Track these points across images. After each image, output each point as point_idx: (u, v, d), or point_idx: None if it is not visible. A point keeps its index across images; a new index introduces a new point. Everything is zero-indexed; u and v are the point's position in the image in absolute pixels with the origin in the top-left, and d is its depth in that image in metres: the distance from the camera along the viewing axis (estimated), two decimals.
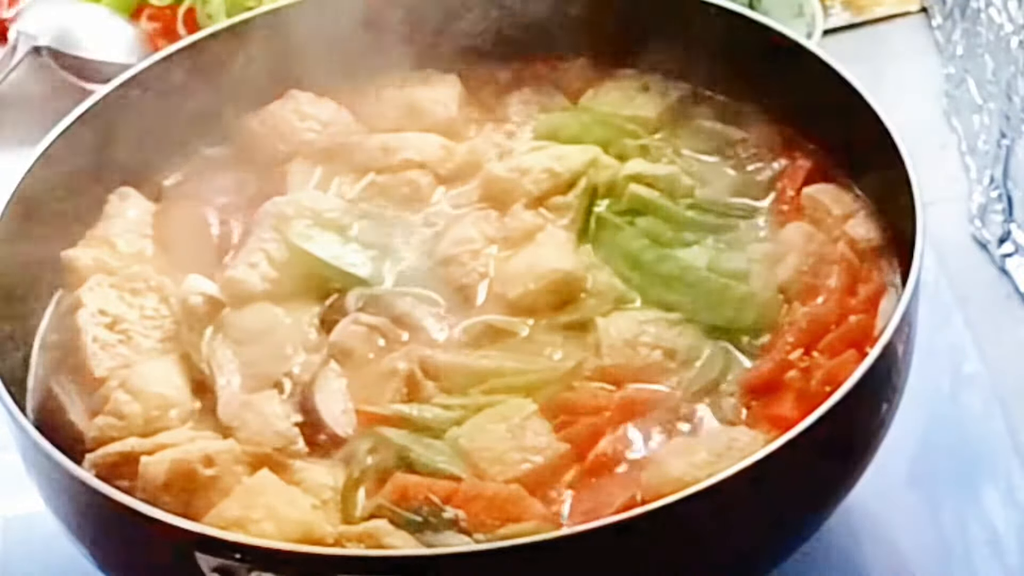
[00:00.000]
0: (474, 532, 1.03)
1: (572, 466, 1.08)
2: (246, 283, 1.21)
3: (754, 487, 0.98)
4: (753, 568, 1.07)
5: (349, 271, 1.22)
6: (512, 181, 1.27)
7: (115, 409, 1.11)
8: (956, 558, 1.21)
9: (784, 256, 1.20)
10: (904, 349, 1.09)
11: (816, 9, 1.62)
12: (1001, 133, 1.44)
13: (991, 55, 1.49)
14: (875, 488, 1.13)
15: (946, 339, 1.36)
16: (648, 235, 1.23)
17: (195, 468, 1.06)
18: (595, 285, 1.20)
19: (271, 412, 1.12)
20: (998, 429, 1.29)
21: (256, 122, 1.34)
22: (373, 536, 1.02)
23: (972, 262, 1.44)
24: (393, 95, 1.36)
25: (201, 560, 0.96)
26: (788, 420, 1.05)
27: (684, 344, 1.15)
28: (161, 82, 1.31)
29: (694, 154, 1.31)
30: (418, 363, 1.14)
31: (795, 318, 1.16)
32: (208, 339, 1.18)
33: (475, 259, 1.22)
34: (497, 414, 1.10)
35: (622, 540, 0.96)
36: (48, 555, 1.19)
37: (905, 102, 1.51)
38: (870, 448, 1.09)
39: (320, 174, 1.32)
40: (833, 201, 1.23)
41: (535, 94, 1.37)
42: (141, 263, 1.23)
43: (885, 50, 1.69)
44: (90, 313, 1.17)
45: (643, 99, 1.35)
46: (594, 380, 1.13)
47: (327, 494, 1.07)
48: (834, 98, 1.23)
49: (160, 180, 1.33)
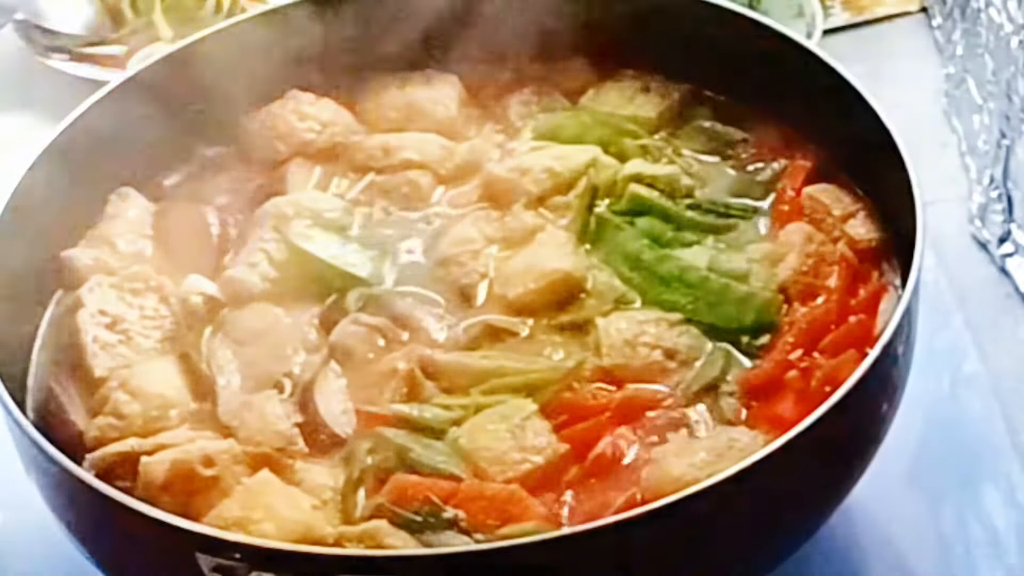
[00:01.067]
0: (474, 532, 1.03)
1: (572, 466, 1.08)
2: (246, 283, 1.21)
3: (754, 487, 0.98)
4: (753, 568, 1.07)
5: (349, 271, 1.22)
6: (512, 181, 1.27)
7: (115, 409, 1.11)
8: (956, 558, 1.21)
9: (784, 256, 1.20)
10: (904, 349, 1.09)
11: (816, 9, 1.62)
12: (1001, 133, 1.44)
13: (991, 55, 1.49)
14: (875, 488, 1.13)
15: (946, 339, 1.36)
16: (648, 235, 1.23)
17: (195, 468, 1.06)
18: (595, 285, 1.20)
19: (271, 412, 1.12)
20: (998, 429, 1.29)
21: (256, 122, 1.34)
22: (373, 536, 1.02)
23: (972, 262, 1.44)
24: (393, 95, 1.36)
25: (201, 560, 0.96)
26: (788, 420, 1.05)
27: (684, 344, 1.15)
28: (161, 82, 1.31)
29: (694, 154, 1.31)
30: (418, 363, 1.14)
31: (795, 318, 1.16)
32: (208, 339, 1.18)
33: (475, 259, 1.22)
34: (497, 414, 1.10)
35: (622, 540, 0.96)
36: (48, 555, 1.19)
37: (905, 102, 1.51)
38: (870, 448, 1.09)
39: (320, 174, 1.32)
40: (833, 201, 1.23)
41: (535, 94, 1.37)
42: (141, 263, 1.23)
43: (885, 50, 1.69)
44: (90, 313, 1.17)
45: (643, 99, 1.35)
46: (594, 380, 1.13)
47: (327, 494, 1.07)
48: (834, 98, 1.23)
49: (160, 180, 1.33)
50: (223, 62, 1.33)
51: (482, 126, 1.36)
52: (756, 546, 1.04)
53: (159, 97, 1.30)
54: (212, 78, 1.32)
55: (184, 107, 1.32)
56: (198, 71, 1.32)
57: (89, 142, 1.26)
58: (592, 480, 1.07)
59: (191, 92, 1.32)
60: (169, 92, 1.31)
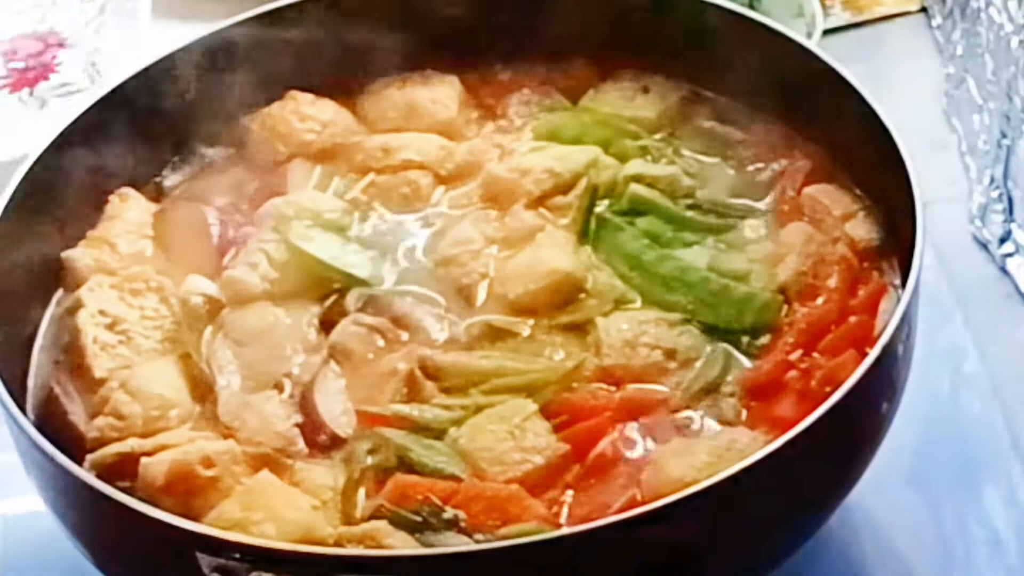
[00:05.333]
0: (474, 532, 1.03)
1: (572, 466, 1.08)
2: (246, 283, 1.21)
3: (754, 487, 0.98)
4: (753, 568, 1.07)
5: (349, 271, 1.21)
6: (512, 181, 1.27)
7: (115, 410, 1.11)
8: (956, 558, 1.21)
9: (784, 256, 1.20)
10: (904, 349, 1.09)
11: (816, 9, 1.62)
12: (1001, 133, 1.44)
13: (991, 55, 1.49)
14: (875, 488, 1.13)
15: (946, 339, 1.36)
16: (648, 235, 1.23)
17: (195, 469, 1.06)
18: (595, 285, 1.20)
19: (271, 412, 1.12)
20: (998, 429, 1.29)
21: (256, 123, 1.34)
22: (373, 536, 1.02)
23: (972, 262, 1.44)
24: (393, 95, 1.36)
25: (201, 560, 0.96)
26: (788, 420, 1.05)
27: (684, 344, 1.15)
28: (160, 82, 1.31)
29: (694, 154, 1.31)
30: (418, 363, 1.14)
31: (795, 319, 1.16)
32: (208, 339, 1.18)
33: (475, 259, 1.22)
34: (497, 414, 1.10)
35: (622, 540, 0.96)
36: (48, 555, 1.19)
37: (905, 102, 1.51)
38: (870, 448, 1.09)
39: (320, 174, 1.32)
40: (833, 201, 1.23)
41: (535, 94, 1.37)
42: (141, 264, 1.23)
43: (885, 50, 1.69)
44: (90, 314, 1.17)
45: (643, 99, 1.35)
46: (594, 380, 1.13)
47: (327, 495, 1.07)
48: (834, 98, 1.23)
49: (160, 180, 1.33)
50: (223, 62, 1.33)
51: (482, 126, 1.36)
52: (756, 546, 1.04)
53: (159, 97, 1.30)
54: (212, 78, 1.33)
55: (184, 107, 1.32)
56: (198, 71, 1.32)
57: (89, 142, 1.26)
58: (592, 480, 1.07)
59: (191, 92, 1.32)
60: (169, 92, 1.31)
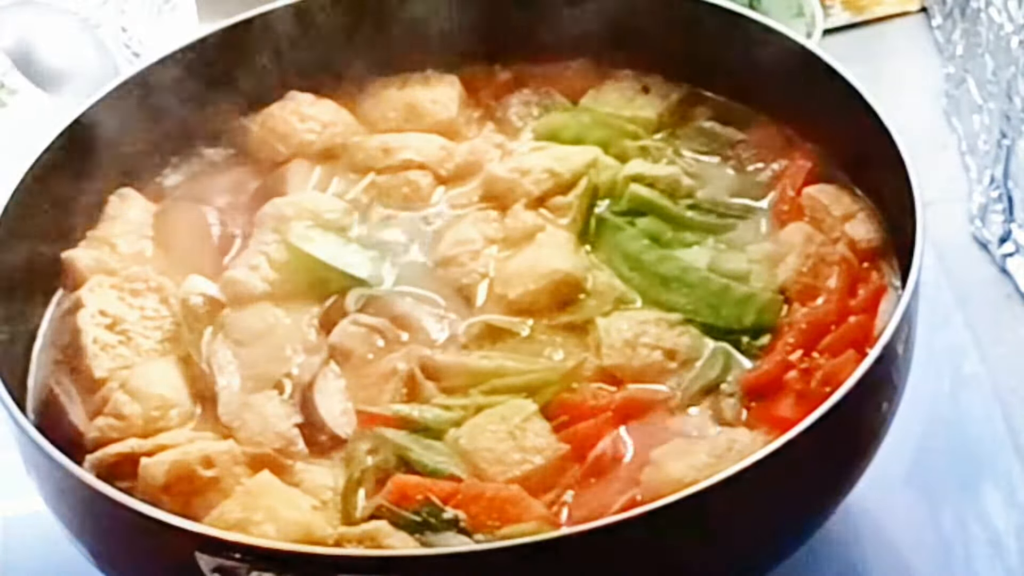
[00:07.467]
0: (474, 532, 1.03)
1: (572, 466, 1.08)
2: (246, 284, 1.21)
3: (754, 488, 0.98)
4: (753, 568, 1.07)
5: (349, 271, 1.22)
6: (512, 181, 1.27)
7: (115, 410, 1.11)
8: (956, 558, 1.21)
9: (784, 257, 1.20)
10: (904, 349, 1.09)
11: (816, 9, 1.62)
12: (1001, 133, 1.44)
13: (991, 55, 1.49)
14: (875, 488, 1.13)
15: (946, 339, 1.36)
16: (648, 235, 1.23)
17: (195, 469, 1.06)
18: (595, 285, 1.20)
19: (271, 413, 1.12)
20: (998, 429, 1.29)
21: (256, 123, 1.34)
22: (373, 537, 1.02)
23: (972, 262, 1.44)
24: (393, 95, 1.36)
25: (201, 560, 0.96)
26: (788, 421, 1.05)
27: (684, 344, 1.15)
28: (161, 83, 1.31)
29: (694, 154, 1.31)
30: (418, 363, 1.14)
31: (795, 319, 1.16)
32: (208, 340, 1.18)
33: (475, 259, 1.22)
34: (497, 415, 1.10)
35: (622, 540, 0.96)
36: (48, 555, 1.19)
37: (905, 102, 1.51)
38: (870, 448, 1.09)
39: (320, 175, 1.32)
40: (833, 201, 1.23)
41: (535, 94, 1.37)
42: (141, 264, 1.23)
43: (885, 50, 1.69)
44: (90, 314, 1.17)
45: (643, 100, 1.35)
46: (594, 380, 1.13)
47: (327, 495, 1.07)
48: (834, 98, 1.23)
49: (160, 181, 1.33)
50: (223, 62, 1.33)
51: (482, 126, 1.36)
52: (756, 546, 1.04)
53: (159, 97, 1.31)
54: (212, 78, 1.33)
55: (184, 107, 1.32)
56: (198, 71, 1.32)
57: (89, 142, 1.26)
58: (592, 480, 1.07)
59: (192, 92, 1.32)
60: (170, 92, 1.31)
